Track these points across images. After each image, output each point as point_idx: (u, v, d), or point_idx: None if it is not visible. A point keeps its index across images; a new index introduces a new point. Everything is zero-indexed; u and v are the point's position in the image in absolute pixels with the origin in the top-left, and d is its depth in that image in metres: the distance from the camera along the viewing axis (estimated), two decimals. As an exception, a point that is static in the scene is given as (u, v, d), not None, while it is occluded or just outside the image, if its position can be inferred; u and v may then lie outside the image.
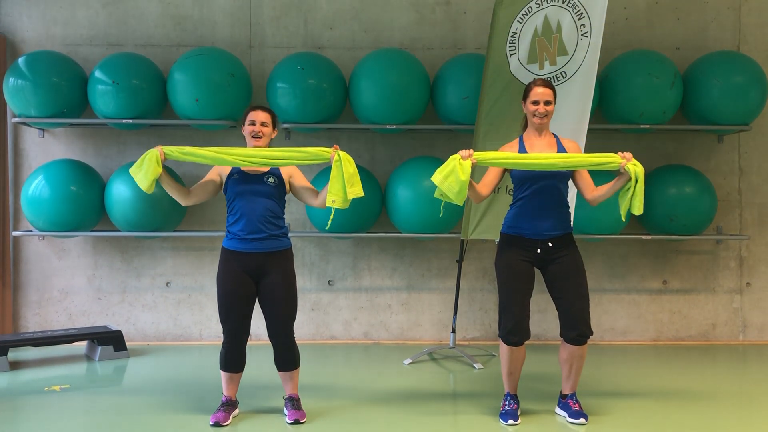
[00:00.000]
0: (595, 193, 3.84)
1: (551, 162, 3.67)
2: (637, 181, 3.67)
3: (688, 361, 5.39)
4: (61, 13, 5.93)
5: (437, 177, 3.63)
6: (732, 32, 6.03)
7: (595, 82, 4.78)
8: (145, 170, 3.69)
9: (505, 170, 3.90)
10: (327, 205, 3.76)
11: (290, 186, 3.92)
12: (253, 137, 3.81)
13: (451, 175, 3.61)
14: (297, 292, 3.88)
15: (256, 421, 3.87)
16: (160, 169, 3.70)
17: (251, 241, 3.75)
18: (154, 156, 3.70)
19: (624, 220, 3.85)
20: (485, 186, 3.87)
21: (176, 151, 3.76)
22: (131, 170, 3.75)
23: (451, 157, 3.67)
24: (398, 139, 5.96)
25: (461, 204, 3.71)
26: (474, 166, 3.65)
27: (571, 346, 3.80)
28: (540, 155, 3.70)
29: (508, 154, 3.74)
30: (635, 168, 3.69)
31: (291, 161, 3.78)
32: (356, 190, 3.74)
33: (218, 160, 3.74)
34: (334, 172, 3.73)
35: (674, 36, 6.01)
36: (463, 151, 3.67)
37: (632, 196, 3.70)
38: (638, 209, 3.70)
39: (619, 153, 3.74)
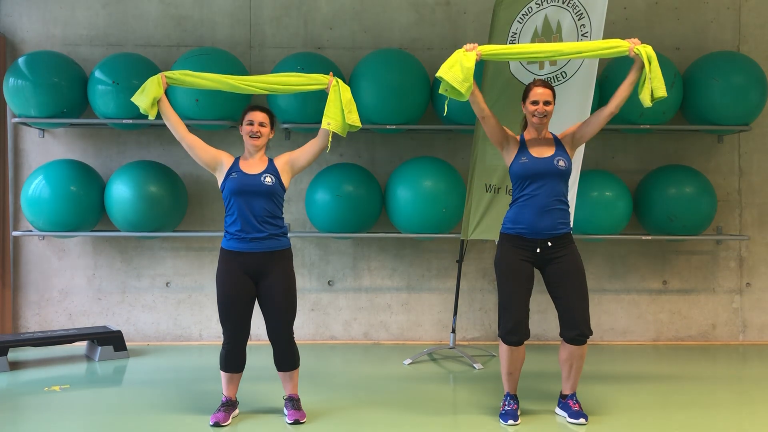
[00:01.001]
0: (614, 100, 3.79)
1: (557, 49, 3.72)
2: (650, 62, 3.62)
3: (688, 361, 5.39)
4: (61, 13, 5.93)
5: (442, 69, 3.64)
6: (732, 32, 6.03)
7: (595, 82, 4.78)
8: (147, 91, 3.76)
9: (502, 143, 3.87)
10: (323, 126, 3.82)
11: (292, 164, 3.88)
12: (250, 137, 3.81)
13: (456, 65, 3.63)
14: (297, 293, 3.88)
15: (256, 421, 3.87)
16: (162, 91, 3.77)
17: (250, 241, 3.74)
18: (156, 79, 3.79)
19: (651, 105, 3.73)
20: (487, 105, 3.84)
21: (178, 74, 3.85)
22: (133, 97, 3.82)
23: (455, 51, 3.70)
24: (398, 139, 5.96)
25: (467, 96, 3.66)
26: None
27: (570, 346, 3.80)
28: (546, 45, 3.76)
29: (512, 46, 3.79)
30: (644, 49, 3.65)
31: (290, 86, 3.89)
32: (353, 118, 3.84)
33: (219, 82, 3.84)
34: (331, 96, 3.85)
35: (674, 36, 6.01)
36: (468, 44, 3.73)
37: (651, 79, 3.63)
38: (661, 90, 3.65)
39: (626, 39, 3.72)
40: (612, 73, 5.56)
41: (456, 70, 3.62)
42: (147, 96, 3.76)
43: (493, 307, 5.97)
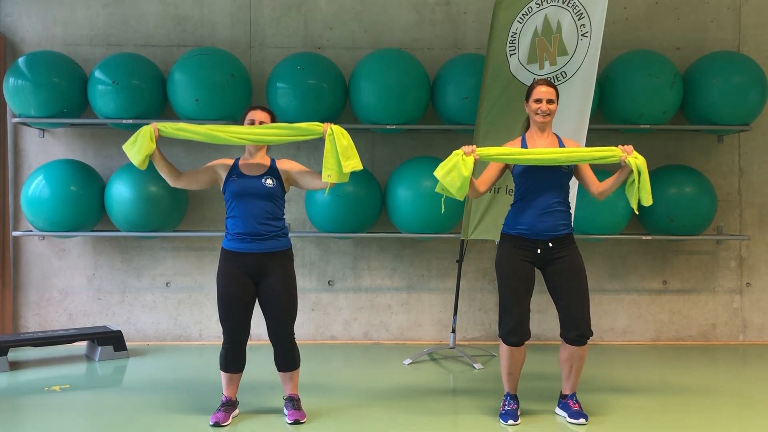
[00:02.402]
0: (601, 187, 3.85)
1: (553, 157, 3.69)
2: (640, 173, 3.68)
3: (688, 361, 5.39)
4: (61, 13, 5.93)
5: (439, 172, 3.66)
6: (732, 32, 6.03)
7: (595, 82, 4.78)
8: (139, 146, 3.68)
9: (506, 168, 3.90)
10: (323, 180, 3.74)
11: (291, 178, 3.88)
12: None
13: (454, 171, 3.63)
14: (297, 293, 3.88)
15: (256, 421, 3.87)
16: (154, 146, 3.70)
17: (250, 241, 3.74)
18: (148, 132, 3.69)
19: (637, 212, 3.84)
20: (484, 183, 3.87)
21: (170, 127, 3.75)
22: (125, 146, 3.75)
23: (453, 152, 3.68)
24: (398, 139, 5.96)
25: (462, 199, 3.73)
26: (476, 162, 3.66)
27: (571, 346, 3.80)
28: (542, 150, 3.71)
29: (510, 150, 3.74)
30: (636, 161, 3.69)
31: (284, 138, 3.76)
32: (353, 164, 3.71)
33: (211, 137, 3.72)
34: (327, 146, 3.70)
35: (674, 36, 6.01)
36: (466, 147, 3.69)
37: (639, 188, 3.70)
38: (647, 200, 3.71)
39: (620, 146, 3.75)
40: (612, 73, 5.57)
41: (453, 176, 3.62)
42: (139, 152, 3.68)
43: (493, 307, 5.97)
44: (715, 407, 4.14)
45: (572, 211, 3.97)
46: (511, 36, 4.90)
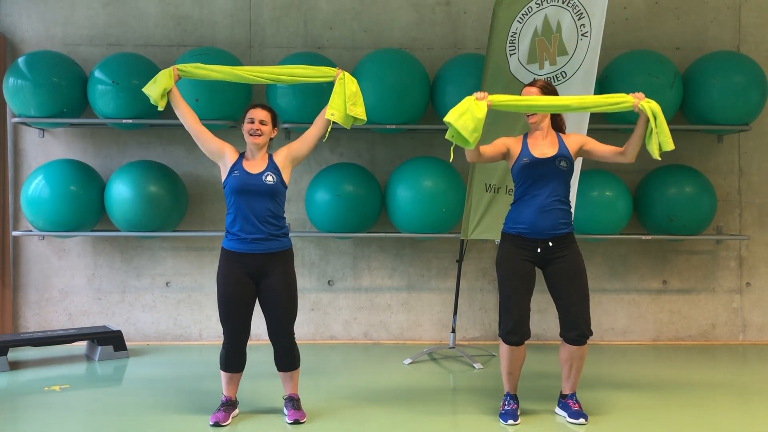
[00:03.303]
0: (625, 149, 3.81)
1: (565, 104, 3.72)
2: (655, 117, 3.63)
3: (688, 361, 5.39)
4: (61, 13, 5.93)
5: (451, 116, 3.56)
6: (732, 32, 6.03)
7: (595, 82, 4.78)
8: (158, 83, 3.80)
9: (507, 153, 3.88)
10: (326, 117, 3.85)
11: (291, 157, 3.87)
12: (251, 135, 3.79)
13: (467, 113, 3.56)
14: (297, 292, 3.88)
15: (256, 421, 3.87)
16: (172, 83, 3.82)
17: (251, 242, 3.74)
18: (168, 70, 3.83)
19: (659, 158, 3.76)
20: (485, 150, 3.84)
21: (190, 67, 3.91)
22: (144, 88, 3.86)
23: (465, 97, 3.63)
24: (398, 139, 5.96)
25: (472, 145, 3.60)
26: (488, 108, 3.61)
27: (571, 346, 3.80)
28: (554, 97, 3.76)
29: (522, 97, 3.76)
30: (649, 105, 3.65)
31: (298, 77, 3.93)
32: (358, 111, 3.87)
33: (231, 74, 3.89)
34: (336, 88, 3.87)
35: (674, 36, 6.01)
36: (478, 93, 3.66)
37: (657, 134, 3.64)
38: (668, 145, 3.65)
39: (631, 94, 3.71)
40: (612, 72, 5.57)
41: (467, 119, 3.54)
42: (158, 86, 3.79)
43: (493, 306, 5.97)
44: (715, 407, 4.14)
45: (572, 210, 3.97)
46: (511, 36, 4.90)
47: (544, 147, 3.84)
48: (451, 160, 4.00)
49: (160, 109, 3.84)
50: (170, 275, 5.97)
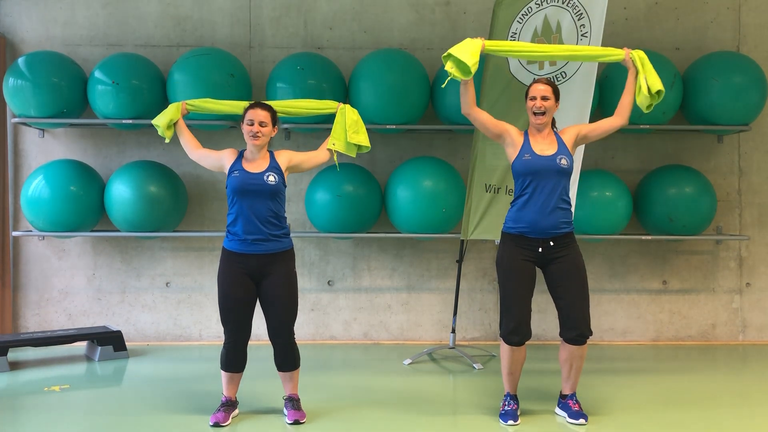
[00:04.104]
0: (619, 109, 3.93)
1: (556, 54, 4.01)
2: (643, 64, 3.84)
3: (687, 361, 5.39)
4: (61, 13, 5.93)
5: (451, 49, 3.77)
6: (732, 32, 6.04)
7: (595, 82, 4.78)
8: (165, 114, 3.96)
9: (500, 139, 3.94)
10: (328, 146, 4.03)
11: (291, 166, 3.91)
12: (251, 137, 3.79)
13: (465, 45, 3.78)
14: (298, 293, 3.88)
15: (256, 421, 3.87)
16: (179, 115, 3.97)
17: (252, 242, 3.73)
18: (176, 104, 4.01)
19: (650, 108, 3.90)
20: (484, 113, 3.96)
21: (198, 101, 4.09)
22: (153, 120, 4.02)
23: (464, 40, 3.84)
24: (398, 139, 5.96)
25: (472, 71, 3.74)
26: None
27: (570, 346, 3.80)
28: (546, 46, 4.01)
29: (516, 43, 4.07)
30: (637, 53, 3.87)
31: (302, 110, 4.14)
32: (360, 138, 4.04)
33: (239, 108, 3.98)
34: (337, 118, 4.07)
35: (674, 36, 6.02)
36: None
37: (646, 77, 3.82)
38: (658, 84, 3.83)
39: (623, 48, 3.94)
40: (612, 72, 5.56)
41: (465, 48, 3.75)
42: (166, 117, 3.95)
43: (493, 307, 5.97)
44: (715, 407, 4.14)
45: (573, 209, 3.97)
46: (511, 36, 4.90)
47: (544, 145, 3.84)
48: (443, 86, 4.21)
49: (167, 140, 4.01)
50: (170, 275, 5.97)
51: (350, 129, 4.02)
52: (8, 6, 5.92)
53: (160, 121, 3.96)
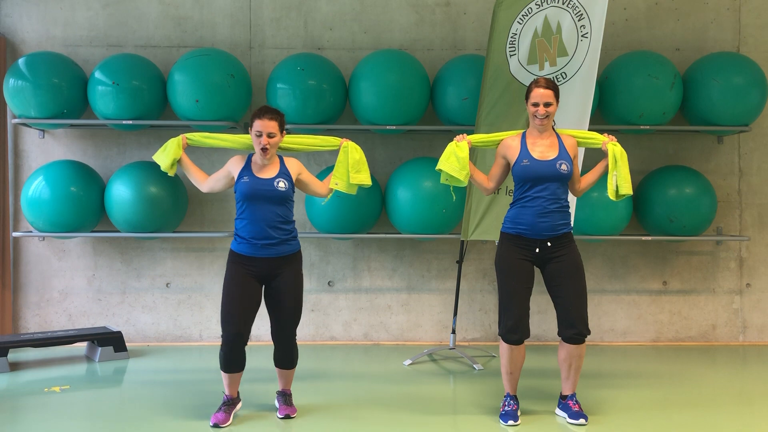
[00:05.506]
0: (582, 182, 4.01)
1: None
2: (617, 162, 3.84)
3: (688, 361, 5.39)
4: (61, 14, 5.93)
5: (440, 163, 3.90)
6: (732, 33, 6.04)
7: (595, 83, 4.78)
8: (167, 152, 3.92)
9: (509, 168, 3.93)
10: (330, 187, 4.00)
11: (298, 181, 3.93)
12: (260, 150, 3.74)
13: (451, 156, 3.88)
14: (303, 294, 3.90)
15: (256, 421, 3.88)
16: (181, 152, 3.92)
17: (261, 247, 3.74)
18: (177, 140, 3.94)
19: (614, 198, 3.91)
20: (492, 178, 4.01)
21: (198, 136, 4.00)
22: (154, 156, 3.99)
23: (447, 144, 3.93)
24: (398, 139, 5.96)
25: (466, 182, 3.89)
26: (475, 154, 3.77)
27: (569, 345, 3.81)
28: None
29: (499, 134, 4.03)
30: (614, 148, 3.87)
31: (305, 147, 4.00)
32: (362, 177, 4.00)
33: (239, 143, 3.96)
34: (340, 157, 4.00)
35: (674, 37, 6.02)
36: (457, 136, 3.94)
37: (617, 176, 3.85)
38: (626, 188, 3.85)
39: (605, 134, 3.95)
40: (612, 73, 5.57)
41: (452, 161, 3.86)
42: (167, 156, 3.91)
43: (493, 307, 5.97)
44: (715, 408, 4.14)
45: (572, 210, 3.98)
46: (511, 37, 4.90)
47: (543, 148, 3.84)
48: (454, 200, 4.43)
49: (171, 175, 3.98)
50: (170, 276, 5.97)
51: (353, 169, 3.97)
52: (8, 6, 5.92)
53: (162, 160, 3.91)
